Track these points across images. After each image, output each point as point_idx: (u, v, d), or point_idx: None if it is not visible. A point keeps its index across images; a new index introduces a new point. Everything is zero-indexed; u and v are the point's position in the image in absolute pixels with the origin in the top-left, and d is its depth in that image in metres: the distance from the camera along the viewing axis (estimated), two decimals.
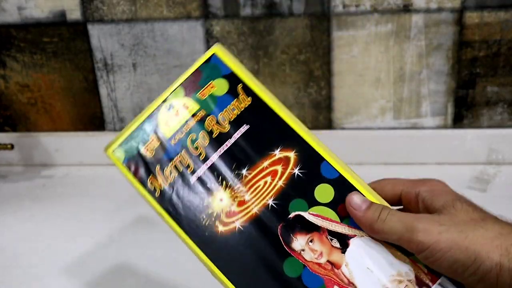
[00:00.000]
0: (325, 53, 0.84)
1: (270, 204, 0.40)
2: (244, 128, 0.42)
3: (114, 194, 0.84)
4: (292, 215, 0.39)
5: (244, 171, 0.41)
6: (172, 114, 0.43)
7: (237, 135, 0.41)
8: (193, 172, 0.41)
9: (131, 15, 0.85)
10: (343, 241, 0.38)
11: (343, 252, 0.38)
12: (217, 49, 0.43)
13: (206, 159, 0.41)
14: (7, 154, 0.94)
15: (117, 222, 0.76)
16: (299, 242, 0.39)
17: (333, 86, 0.85)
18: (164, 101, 0.43)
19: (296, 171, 0.40)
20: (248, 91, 0.42)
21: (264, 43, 0.84)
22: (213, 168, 0.41)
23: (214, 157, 0.41)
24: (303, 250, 0.38)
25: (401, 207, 0.40)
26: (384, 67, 0.83)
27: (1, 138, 0.93)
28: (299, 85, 0.86)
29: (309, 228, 0.39)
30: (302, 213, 0.39)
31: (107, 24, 0.86)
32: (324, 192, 0.39)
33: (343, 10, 0.81)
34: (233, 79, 0.43)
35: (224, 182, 0.41)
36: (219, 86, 0.43)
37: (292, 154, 0.40)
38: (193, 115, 0.42)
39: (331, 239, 0.38)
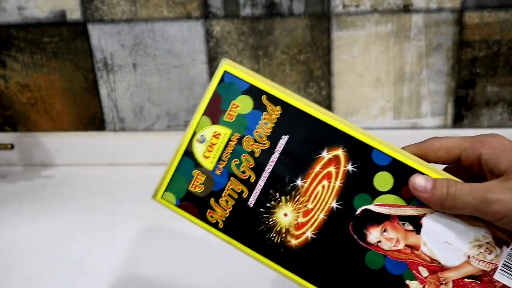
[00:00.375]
0: (325, 53, 0.84)
1: (334, 207, 0.40)
2: (284, 139, 0.41)
3: (114, 194, 0.84)
4: (359, 211, 0.39)
5: (298, 182, 0.40)
6: (207, 146, 0.42)
7: (279, 148, 0.41)
8: (249, 196, 0.41)
9: (131, 15, 0.85)
10: (415, 223, 0.39)
11: (418, 233, 0.39)
12: (227, 66, 0.42)
13: (257, 180, 0.41)
14: (7, 154, 0.94)
15: (117, 222, 0.76)
16: (373, 235, 0.39)
17: (333, 86, 0.85)
18: (194, 135, 0.42)
19: (349, 167, 0.40)
20: (274, 100, 0.41)
21: (264, 43, 0.84)
22: (267, 187, 0.41)
23: (265, 176, 0.41)
24: (379, 241, 0.39)
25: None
26: (384, 67, 0.83)
27: (1, 138, 0.93)
28: (299, 85, 0.86)
29: (379, 219, 0.39)
30: (368, 207, 0.39)
31: (107, 24, 0.86)
32: (382, 180, 0.39)
33: (343, 10, 0.81)
34: (254, 92, 0.41)
35: (283, 198, 0.40)
36: (243, 104, 0.41)
37: (340, 152, 0.40)
38: (229, 141, 0.41)
39: (403, 224, 0.39)
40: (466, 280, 0.38)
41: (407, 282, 0.38)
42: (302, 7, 0.81)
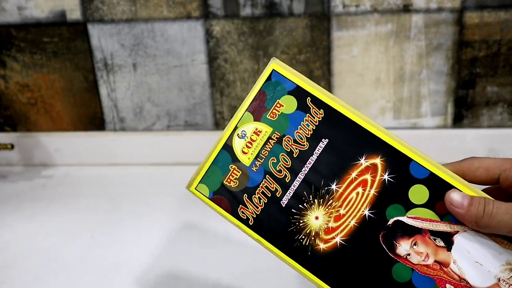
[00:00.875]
0: (325, 53, 0.84)
1: (367, 215, 0.39)
2: (324, 142, 0.41)
3: (114, 194, 0.84)
4: (391, 221, 0.39)
5: (333, 186, 0.40)
6: (247, 142, 0.42)
7: (318, 151, 0.41)
8: (282, 196, 0.41)
9: (131, 15, 0.85)
10: (447, 239, 0.38)
11: (449, 250, 0.38)
12: (276, 65, 0.42)
13: (292, 180, 0.41)
14: (7, 154, 0.94)
15: (117, 222, 0.76)
16: (403, 247, 0.39)
17: (333, 86, 0.85)
18: (235, 129, 0.42)
19: (386, 176, 0.39)
20: (318, 103, 0.41)
21: (264, 43, 0.84)
22: (301, 188, 0.40)
23: (300, 177, 0.41)
24: (408, 254, 0.39)
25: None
26: (384, 67, 0.83)
27: (1, 138, 0.93)
28: None
29: (411, 231, 0.39)
30: (401, 218, 0.39)
31: (107, 24, 0.86)
32: (418, 193, 0.39)
33: (343, 10, 0.81)
34: (300, 94, 0.41)
35: (316, 201, 0.40)
36: (288, 104, 0.41)
37: (378, 160, 0.40)
38: (268, 139, 0.41)
39: (435, 239, 0.38)
40: None
41: None
42: (302, 7, 0.81)
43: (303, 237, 0.40)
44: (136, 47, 0.87)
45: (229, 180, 0.42)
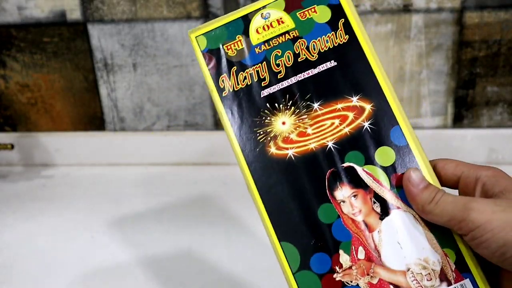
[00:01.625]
0: None
1: (329, 146, 0.39)
2: (331, 64, 0.40)
3: (114, 194, 0.84)
4: (345, 164, 0.39)
5: (315, 105, 0.40)
6: (266, 24, 0.41)
7: (321, 68, 0.40)
8: (266, 87, 0.40)
9: (131, 15, 0.85)
10: (385, 209, 0.38)
11: (381, 218, 0.38)
12: None
13: (283, 79, 0.40)
14: (7, 154, 0.94)
15: (117, 222, 0.76)
16: (342, 192, 0.38)
17: None
18: (262, 8, 0.42)
19: (366, 124, 0.39)
20: (348, 28, 0.41)
21: None
22: (286, 90, 0.40)
23: (292, 80, 0.40)
24: (343, 201, 0.38)
25: (456, 190, 0.39)
26: (384, 67, 0.83)
27: (1, 138, 0.93)
28: None
29: (357, 183, 0.38)
30: (356, 167, 0.39)
31: (107, 24, 0.86)
32: (385, 155, 0.39)
33: None
34: (337, 12, 0.41)
35: (292, 108, 0.40)
36: (322, 13, 0.41)
37: (368, 107, 0.39)
38: (286, 32, 0.41)
39: (374, 202, 0.38)
40: (391, 287, 0.36)
41: (341, 252, 0.37)
42: None
43: (262, 133, 0.40)
44: (136, 47, 0.87)
45: (229, 47, 0.41)
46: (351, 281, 0.37)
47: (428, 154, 0.40)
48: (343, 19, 0.41)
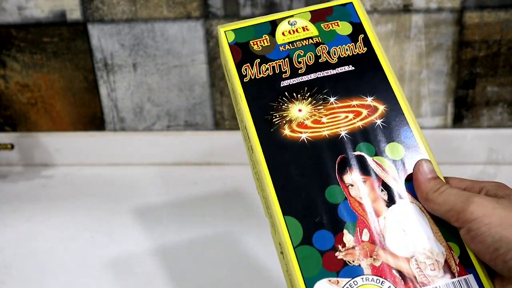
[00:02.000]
0: None
1: (341, 135, 0.41)
2: (349, 67, 0.43)
3: (114, 194, 0.84)
4: (356, 153, 0.40)
5: (331, 99, 0.42)
6: (292, 29, 0.45)
7: (340, 70, 0.43)
8: (286, 79, 0.43)
9: (131, 15, 0.85)
10: (392, 197, 0.39)
11: (388, 206, 0.38)
12: (356, 1, 0.46)
13: (303, 74, 0.43)
14: (7, 154, 0.94)
15: (117, 222, 0.76)
16: (351, 177, 0.39)
17: None
18: (291, 16, 0.46)
19: (379, 121, 0.41)
20: (367, 42, 0.45)
21: None
22: (305, 83, 0.43)
23: (311, 77, 0.43)
24: (352, 185, 0.39)
25: None
26: None
27: (1, 138, 0.93)
28: None
29: (367, 171, 0.39)
30: (367, 156, 0.40)
31: (107, 24, 0.86)
32: (395, 150, 0.40)
33: None
34: (358, 28, 0.45)
35: (309, 99, 0.42)
36: (344, 28, 0.45)
37: (381, 107, 0.42)
38: (309, 38, 0.45)
39: (382, 190, 0.39)
40: (393, 271, 0.36)
41: (345, 231, 0.37)
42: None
43: (278, 116, 0.41)
44: (136, 47, 0.87)
45: (255, 43, 0.45)
46: (353, 261, 0.37)
47: None
48: (362, 35, 0.45)
